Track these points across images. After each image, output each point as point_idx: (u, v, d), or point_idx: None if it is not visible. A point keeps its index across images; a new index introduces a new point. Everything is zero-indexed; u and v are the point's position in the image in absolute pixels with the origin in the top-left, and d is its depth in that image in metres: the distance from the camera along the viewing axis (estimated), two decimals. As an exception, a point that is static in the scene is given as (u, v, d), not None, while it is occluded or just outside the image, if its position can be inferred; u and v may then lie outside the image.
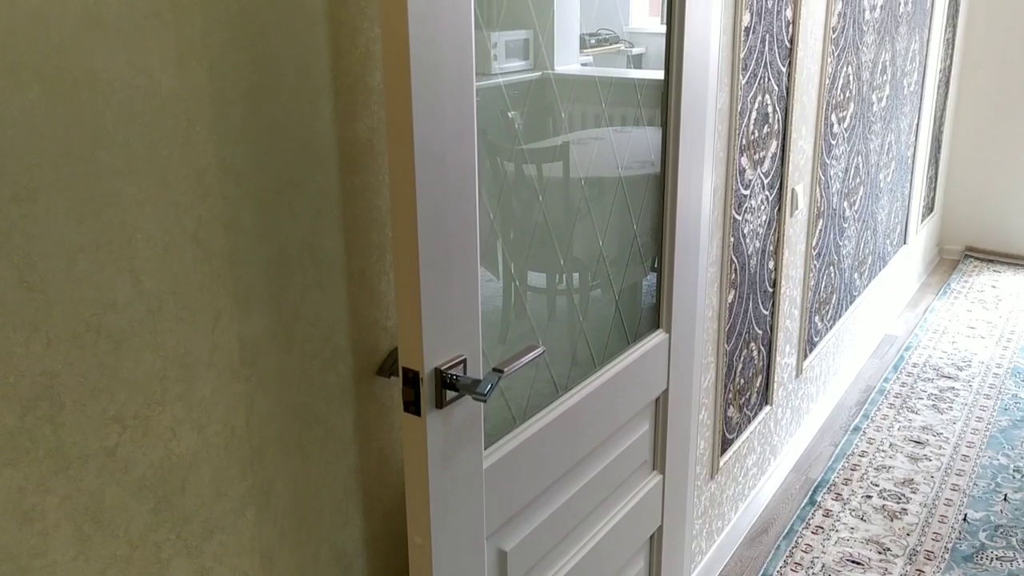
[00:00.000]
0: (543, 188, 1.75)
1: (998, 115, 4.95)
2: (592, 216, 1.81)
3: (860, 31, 3.14)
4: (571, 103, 1.86)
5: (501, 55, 1.95)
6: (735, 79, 2.19)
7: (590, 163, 1.85)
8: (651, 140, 1.90)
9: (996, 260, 5.13)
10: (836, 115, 3.05)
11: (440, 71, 1.04)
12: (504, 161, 1.69)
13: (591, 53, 2.39)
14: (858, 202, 3.52)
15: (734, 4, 2.11)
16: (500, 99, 1.67)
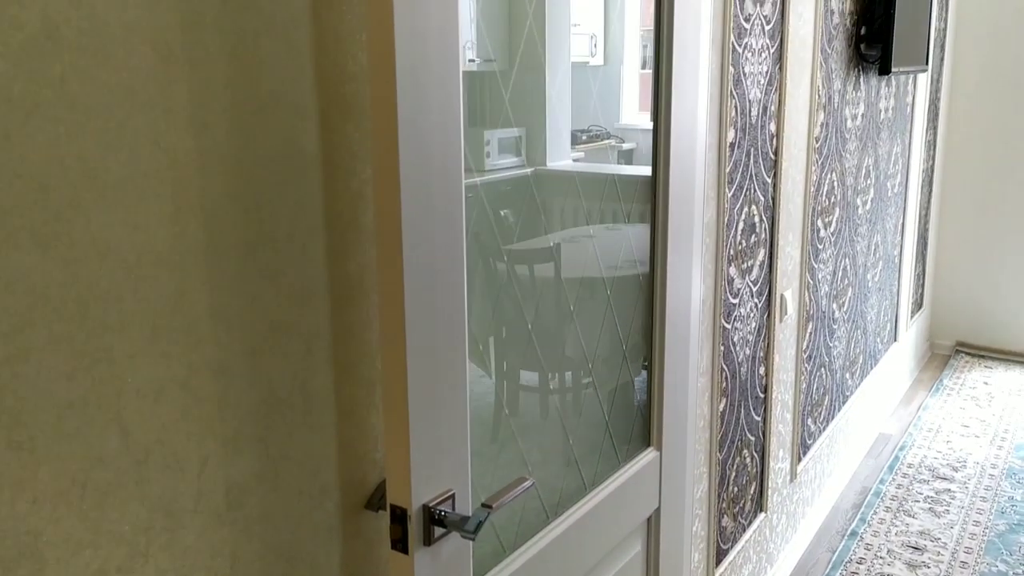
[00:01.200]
0: (535, 288, 1.77)
1: (982, 211, 5.05)
2: (580, 318, 1.82)
3: (843, 139, 3.22)
4: (563, 198, 1.89)
5: (494, 152, 1.99)
6: (721, 193, 2.24)
7: (582, 262, 1.87)
8: (641, 239, 1.92)
9: (987, 356, 5.15)
10: (822, 220, 3.11)
11: (430, 237, 1.07)
12: (496, 261, 1.72)
13: (583, 149, 2.45)
14: (847, 303, 3.55)
15: (719, 122, 2.18)
16: (493, 196, 1.70)
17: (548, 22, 1.87)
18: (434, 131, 1.07)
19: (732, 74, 2.21)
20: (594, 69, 3.70)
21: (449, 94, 1.09)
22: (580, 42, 3.65)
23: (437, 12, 1.05)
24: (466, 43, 1.73)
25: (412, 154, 1.03)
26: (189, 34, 0.89)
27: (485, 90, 1.69)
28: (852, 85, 3.25)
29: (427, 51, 1.04)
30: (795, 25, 2.59)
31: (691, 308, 2.01)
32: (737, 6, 2.19)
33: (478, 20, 1.70)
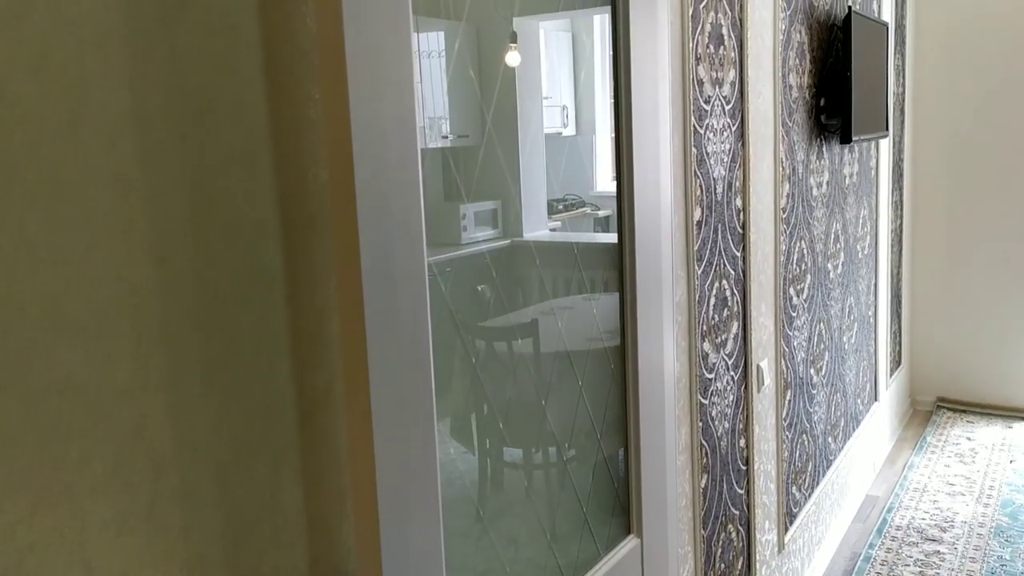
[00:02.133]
0: (514, 364, 1.77)
1: (953, 267, 5.12)
2: (560, 393, 1.82)
3: (809, 207, 3.28)
4: (541, 268, 1.91)
5: (471, 225, 2.01)
6: (691, 271, 2.27)
7: (560, 335, 1.88)
8: (616, 310, 1.93)
9: (968, 410, 5.17)
10: (794, 288, 3.15)
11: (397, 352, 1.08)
12: (475, 339, 1.72)
13: (559, 218, 2.47)
14: (824, 367, 3.57)
15: (684, 202, 2.22)
16: (471, 270, 1.71)
17: (520, 96, 1.91)
18: (396, 247, 1.09)
19: (695, 155, 2.26)
20: (567, 139, 3.77)
21: (408, 207, 1.11)
22: (552, 114, 3.72)
23: (393, 109, 1.08)
24: (440, 120, 1.77)
25: (373, 261, 1.05)
26: (148, 167, 0.90)
27: (460, 165, 1.72)
28: (815, 154, 3.32)
29: (386, 180, 1.06)
30: (755, 102, 2.66)
31: (665, 386, 2.02)
32: (696, 90, 2.25)
33: (450, 98, 1.73)
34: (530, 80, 2.04)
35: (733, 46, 2.48)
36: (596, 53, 3.32)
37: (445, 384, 1.56)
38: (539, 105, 2.18)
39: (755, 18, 2.62)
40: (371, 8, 1.04)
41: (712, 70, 2.35)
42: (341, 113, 1.02)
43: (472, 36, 1.68)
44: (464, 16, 1.58)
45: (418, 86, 1.64)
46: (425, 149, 1.66)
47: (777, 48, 2.83)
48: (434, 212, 1.63)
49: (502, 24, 1.78)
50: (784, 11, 2.87)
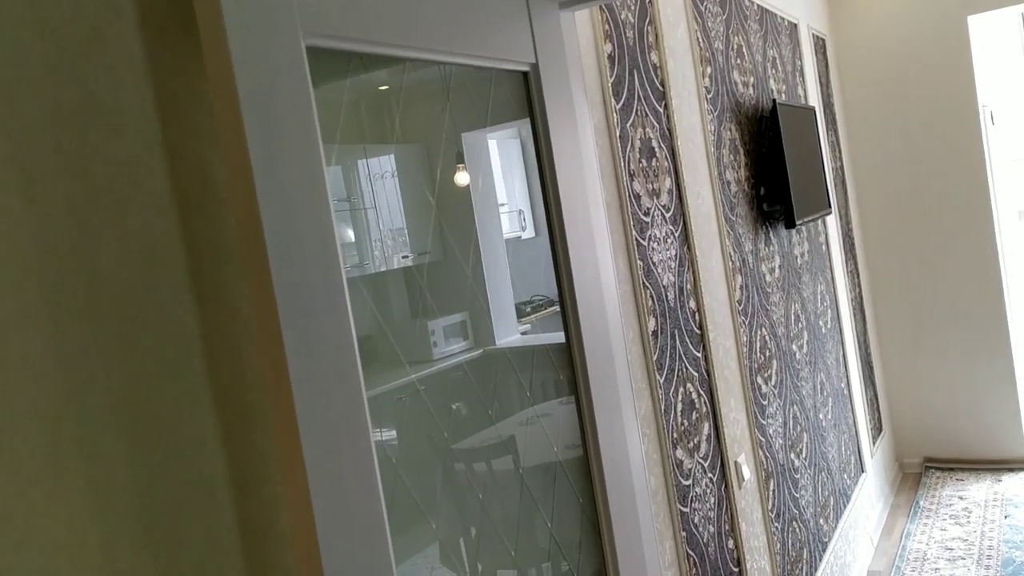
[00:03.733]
0: (495, 482, 1.74)
1: (918, 325, 5.18)
2: (543, 508, 1.79)
3: (765, 294, 3.33)
4: (517, 374, 1.90)
5: (441, 340, 2.00)
6: (653, 381, 2.27)
7: (539, 446, 1.85)
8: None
9: (956, 468, 5.16)
10: (761, 376, 3.16)
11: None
12: (453, 461, 1.69)
13: (529, 320, 2.47)
14: (805, 449, 3.56)
15: (636, 315, 2.24)
16: (444, 386, 1.70)
17: (476, 207, 1.94)
18: (335, 407, 1.09)
19: (641, 267, 2.30)
20: (527, 241, 3.82)
21: (340, 347, 1.11)
22: (511, 218, 3.78)
23: (316, 271, 1.09)
24: (400, 241, 1.78)
25: (313, 440, 1.04)
26: (76, 409, 0.90)
27: (424, 282, 1.73)
28: (764, 242, 3.39)
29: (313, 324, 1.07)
30: (695, 204, 2.72)
31: (638, 502, 1.99)
32: (634, 204, 2.31)
33: (407, 218, 1.75)
34: (485, 190, 2.08)
35: (665, 156, 2.56)
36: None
37: (428, 509, 1.54)
38: (496, 213, 2.21)
39: (683, 125, 2.71)
40: (286, 198, 1.06)
41: (648, 182, 2.41)
42: (268, 306, 1.03)
43: (422, 155, 1.72)
44: (410, 138, 1.62)
45: (371, 212, 1.67)
46: (387, 271, 1.68)
47: (710, 149, 2.92)
48: (402, 331, 1.64)
49: (450, 141, 1.83)
50: (711, 113, 2.98)
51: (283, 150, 1.04)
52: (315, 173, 1.09)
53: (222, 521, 1.05)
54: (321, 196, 1.10)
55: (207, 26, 0.97)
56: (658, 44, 2.59)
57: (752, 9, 3.63)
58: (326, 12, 1.13)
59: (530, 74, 1.69)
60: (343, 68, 1.33)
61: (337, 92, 1.36)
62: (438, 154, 1.74)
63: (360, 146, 1.60)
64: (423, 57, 1.40)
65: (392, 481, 1.39)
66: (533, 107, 1.78)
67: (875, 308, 5.28)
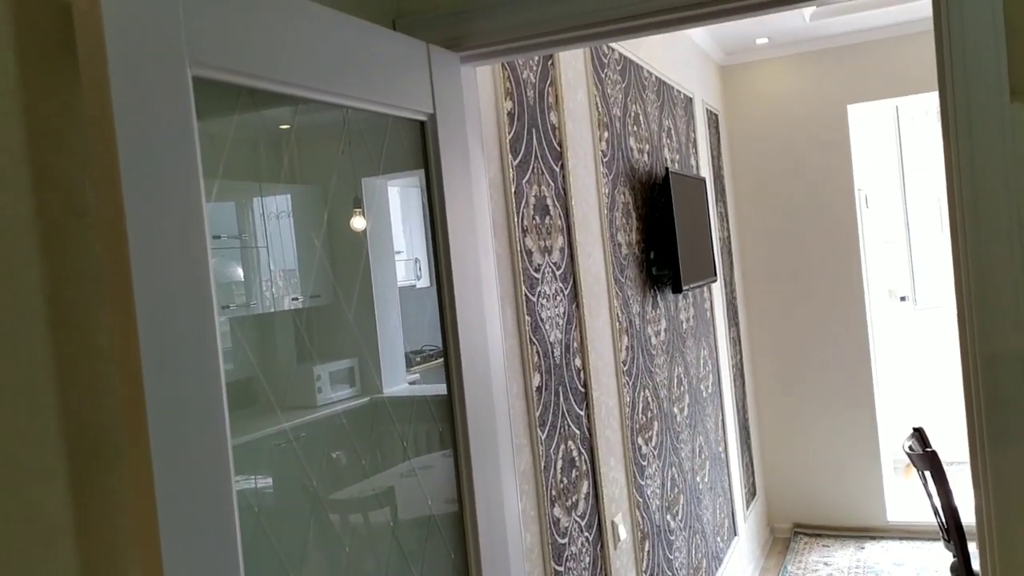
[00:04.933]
0: (371, 536, 1.69)
1: (794, 395, 5.38)
2: (424, 566, 1.74)
3: (650, 356, 3.40)
4: (402, 424, 1.85)
5: (326, 386, 1.93)
6: (534, 437, 2.27)
7: (419, 499, 1.81)
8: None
9: (823, 534, 5.33)
10: (642, 437, 3.21)
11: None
12: (328, 512, 1.63)
13: (418, 370, 2.43)
14: (681, 511, 3.62)
15: (522, 370, 2.25)
16: (326, 434, 1.64)
17: (372, 253, 1.90)
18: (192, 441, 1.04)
19: (529, 322, 2.31)
20: (422, 291, 3.79)
21: (206, 388, 1.07)
22: (406, 267, 3.75)
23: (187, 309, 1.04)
24: (291, 282, 1.72)
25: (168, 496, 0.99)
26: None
27: (313, 326, 1.68)
28: (651, 305, 3.47)
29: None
30: (586, 264, 2.77)
31: (511, 561, 1.97)
32: (525, 260, 2.33)
33: (300, 260, 1.70)
34: (381, 236, 2.05)
35: (559, 214, 2.60)
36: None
37: (292, 564, 1.47)
38: (392, 260, 2.19)
39: (579, 185, 2.77)
40: (162, 239, 1.02)
41: (540, 239, 2.44)
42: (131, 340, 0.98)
43: (319, 198, 1.69)
44: (308, 180, 1.59)
45: (263, 250, 1.62)
46: (276, 312, 1.62)
47: (603, 210, 2.98)
48: (286, 375, 1.58)
49: (348, 185, 1.80)
50: (606, 176, 3.05)
51: (159, 178, 1.00)
52: (192, 205, 1.05)
53: (60, 562, 0.98)
54: (197, 230, 1.06)
55: (87, 47, 0.93)
56: (558, 106, 2.65)
57: (651, 80, 3.77)
58: (217, 43, 1.10)
59: (427, 124, 1.69)
60: (232, 103, 1.30)
61: (226, 126, 1.33)
62: (335, 197, 1.72)
63: (255, 184, 1.56)
64: (318, 98, 1.39)
65: (257, 532, 1.33)
66: (428, 156, 1.78)
67: (754, 375, 5.46)
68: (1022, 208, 1.45)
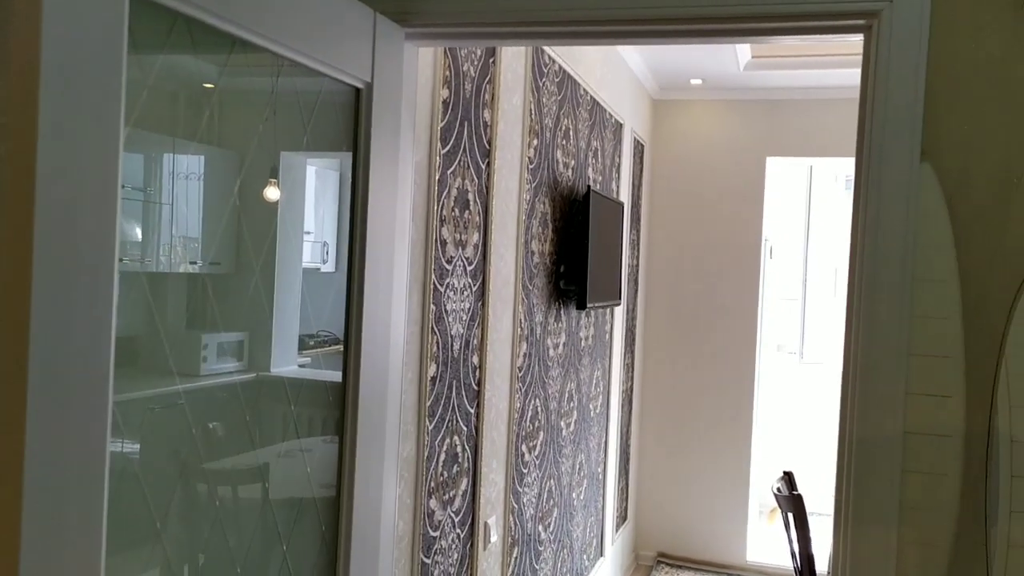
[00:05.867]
0: (239, 510, 1.64)
1: (676, 429, 5.51)
2: (291, 545, 1.70)
3: (546, 367, 3.43)
4: (284, 406, 1.81)
5: (212, 356, 1.88)
6: (422, 426, 2.26)
7: (294, 479, 1.77)
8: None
9: (684, 566, 5.47)
10: (527, 445, 3.23)
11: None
12: (198, 481, 1.58)
13: (310, 354, 2.39)
14: (553, 523, 3.65)
15: (419, 358, 2.24)
16: (205, 405, 1.59)
17: (280, 229, 1.86)
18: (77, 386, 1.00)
19: (434, 312, 2.31)
20: (326, 275, 3.74)
21: (95, 338, 1.03)
22: (313, 249, 3.69)
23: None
24: (192, 245, 1.67)
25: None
26: None
27: (208, 293, 1.63)
28: (554, 317, 3.51)
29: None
30: (497, 265, 2.78)
31: (382, 546, 1.96)
32: (439, 249, 2.32)
33: (205, 224, 1.65)
34: (293, 213, 2.01)
35: (479, 211, 2.61)
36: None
37: (158, 528, 1.42)
38: (300, 239, 2.15)
39: (501, 187, 2.78)
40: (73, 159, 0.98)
41: (457, 232, 2.44)
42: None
43: (235, 164, 1.64)
44: (226, 144, 1.54)
45: (166, 208, 1.57)
46: (170, 274, 1.56)
47: (521, 216, 3.01)
48: (171, 340, 1.53)
49: (267, 156, 1.76)
50: (529, 183, 3.08)
51: (80, 110, 0.96)
52: (110, 143, 1.02)
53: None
54: (111, 168, 1.03)
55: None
56: (493, 104, 2.66)
57: (585, 99, 3.82)
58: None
59: (363, 93, 1.68)
60: (163, 38, 1.26)
61: (149, 70, 1.28)
62: (251, 167, 1.68)
63: (170, 138, 1.51)
64: (256, 41, 1.36)
65: (123, 496, 1.28)
66: (359, 128, 1.76)
67: (642, 403, 5.57)
68: (916, 266, 1.53)
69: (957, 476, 1.52)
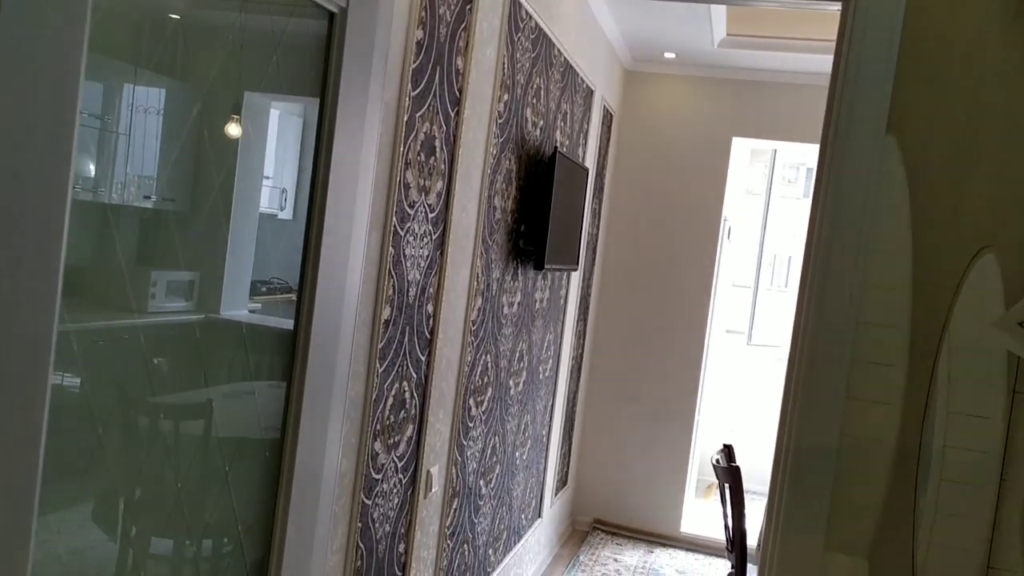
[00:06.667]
0: (180, 446, 1.62)
1: (621, 401, 5.58)
2: (233, 482, 1.69)
3: (499, 324, 3.44)
4: (232, 349, 1.79)
5: (161, 294, 1.85)
6: (372, 368, 2.26)
7: (236, 421, 1.76)
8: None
9: (619, 533, 5.56)
10: (474, 399, 3.24)
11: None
12: (140, 414, 1.56)
13: (261, 300, 2.36)
14: (494, 480, 3.68)
15: (374, 299, 2.23)
16: (152, 342, 1.56)
17: (239, 170, 1.83)
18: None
19: (392, 254, 2.29)
20: (283, 223, 3.69)
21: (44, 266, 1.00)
22: (271, 194, 3.64)
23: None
24: (147, 180, 1.63)
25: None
26: None
27: (160, 229, 1.60)
28: (511, 275, 3.51)
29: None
30: (458, 216, 2.77)
31: (324, 481, 1.96)
32: (402, 192, 2.30)
33: (161, 159, 1.61)
34: (253, 155, 1.97)
35: (445, 159, 2.59)
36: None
37: (95, 461, 1.40)
38: (258, 183, 2.11)
39: (469, 137, 2.76)
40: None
41: (421, 177, 2.43)
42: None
43: (197, 101, 1.60)
44: (189, 79, 1.51)
45: (123, 139, 1.52)
46: (123, 206, 1.53)
47: (487, 169, 2.99)
48: (120, 273, 1.50)
49: (231, 94, 1.72)
50: (497, 137, 3.06)
51: (43, 21, 0.93)
52: (71, 63, 0.99)
53: None
54: (71, 92, 1.00)
55: None
56: (467, 52, 2.63)
57: (559, 60, 3.80)
58: None
59: (337, 18, 1.65)
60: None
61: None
62: (214, 105, 1.65)
63: (131, 67, 1.47)
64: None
65: (64, 424, 1.26)
66: (330, 59, 1.73)
67: (590, 372, 5.62)
68: (873, 235, 1.56)
69: (894, 436, 1.56)
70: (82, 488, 1.40)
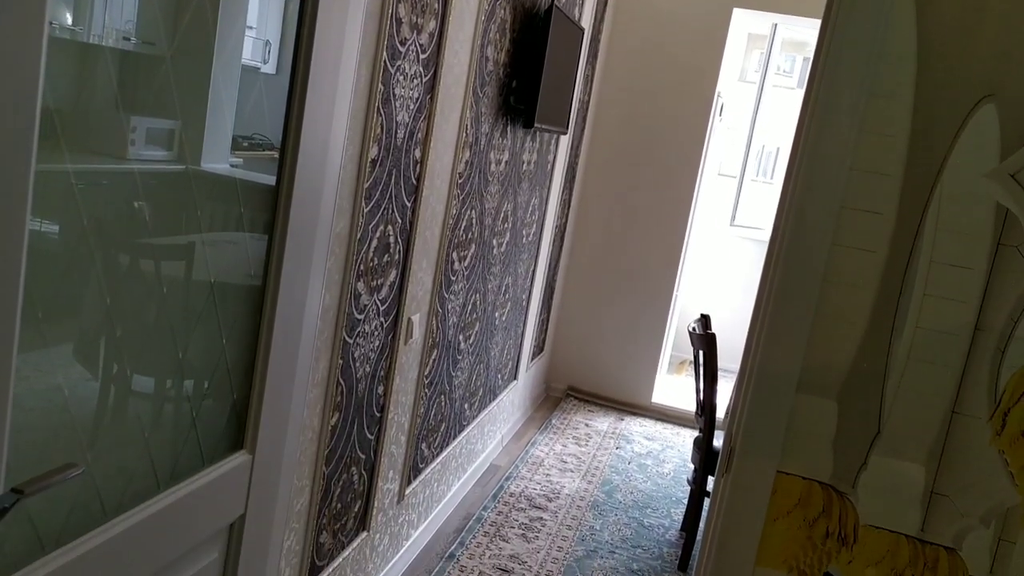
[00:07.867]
0: (161, 286, 1.62)
1: (600, 271, 5.62)
2: (208, 322, 1.70)
3: (486, 180, 3.41)
4: (213, 202, 1.77)
5: (140, 141, 1.81)
6: (357, 206, 2.24)
7: (222, 267, 1.75)
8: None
9: (591, 401, 5.71)
10: (458, 253, 3.25)
11: None
12: (120, 254, 1.55)
13: (243, 155, 2.33)
14: (473, 336, 3.73)
15: (362, 136, 2.19)
16: (131, 187, 1.54)
17: (222, 17, 1.76)
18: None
19: (381, 92, 2.24)
20: (266, 77, 3.58)
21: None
22: (255, 46, 3.52)
23: None
24: (125, 19, 1.56)
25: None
26: None
27: (139, 74, 1.54)
28: (500, 132, 3.46)
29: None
30: (450, 61, 2.70)
31: (305, 315, 1.97)
32: (393, 27, 2.23)
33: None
34: (236, 4, 1.89)
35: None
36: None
37: (76, 301, 1.39)
38: (241, 32, 2.03)
39: (465, -21, 2.66)
40: None
41: (413, 13, 2.34)
42: None
43: None
44: None
45: None
46: (103, 47, 1.46)
47: (481, 16, 2.90)
48: (99, 117, 1.45)
49: None
50: (494, -17, 2.95)
51: None
52: None
53: None
54: None
55: None
56: None
57: (562, -91, 3.64)
58: None
59: None
60: None
61: None
62: None
63: None
64: None
65: (42, 265, 1.24)
66: None
67: (572, 241, 5.63)
68: (874, 81, 1.53)
69: (876, 280, 1.58)
70: (64, 328, 1.40)
